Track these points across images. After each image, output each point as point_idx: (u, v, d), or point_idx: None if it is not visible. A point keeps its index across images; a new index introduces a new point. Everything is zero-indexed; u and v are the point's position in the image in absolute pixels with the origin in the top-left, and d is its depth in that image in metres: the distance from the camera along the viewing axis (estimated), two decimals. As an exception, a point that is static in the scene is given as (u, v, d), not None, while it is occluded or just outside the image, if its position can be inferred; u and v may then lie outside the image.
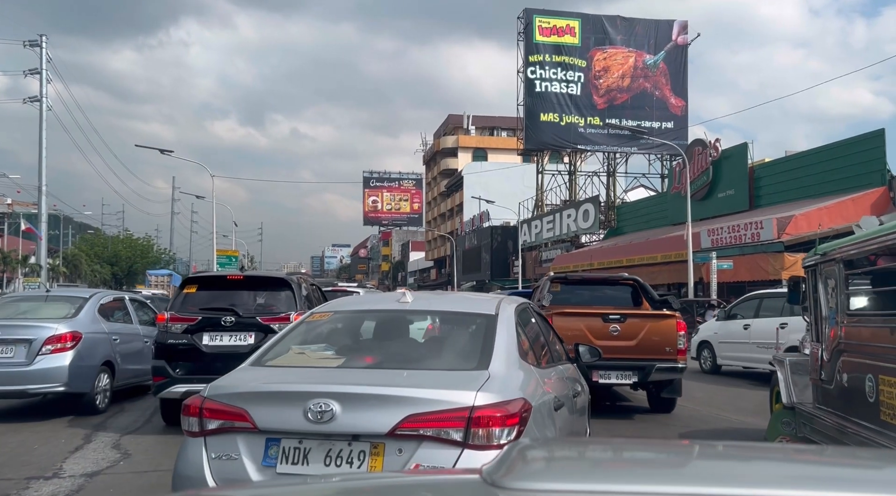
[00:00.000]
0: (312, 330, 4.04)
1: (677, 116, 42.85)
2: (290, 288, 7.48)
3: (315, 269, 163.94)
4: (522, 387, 3.29)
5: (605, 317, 8.48)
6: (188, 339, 7.08)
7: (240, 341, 7.06)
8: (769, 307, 13.20)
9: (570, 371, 4.75)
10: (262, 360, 3.65)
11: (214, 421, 3.15)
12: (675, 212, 29.44)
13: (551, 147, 42.79)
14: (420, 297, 4.47)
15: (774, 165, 26.01)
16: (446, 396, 3.03)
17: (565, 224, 38.33)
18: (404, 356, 3.79)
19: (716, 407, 9.97)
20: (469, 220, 58.49)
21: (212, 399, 3.19)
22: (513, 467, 1.45)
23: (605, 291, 10.51)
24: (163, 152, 26.17)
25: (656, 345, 8.43)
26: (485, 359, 3.41)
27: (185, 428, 3.26)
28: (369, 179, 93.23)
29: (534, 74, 41.87)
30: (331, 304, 4.58)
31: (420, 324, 4.42)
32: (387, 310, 4.28)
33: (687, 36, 44.26)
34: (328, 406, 2.97)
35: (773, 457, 1.79)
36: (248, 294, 7.51)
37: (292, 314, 7.18)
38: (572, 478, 1.48)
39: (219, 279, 8.02)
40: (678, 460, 1.84)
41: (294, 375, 3.45)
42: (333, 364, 3.65)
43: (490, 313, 3.85)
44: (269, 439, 3.06)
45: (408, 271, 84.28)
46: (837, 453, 2.63)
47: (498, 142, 73.31)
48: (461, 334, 3.97)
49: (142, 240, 71.57)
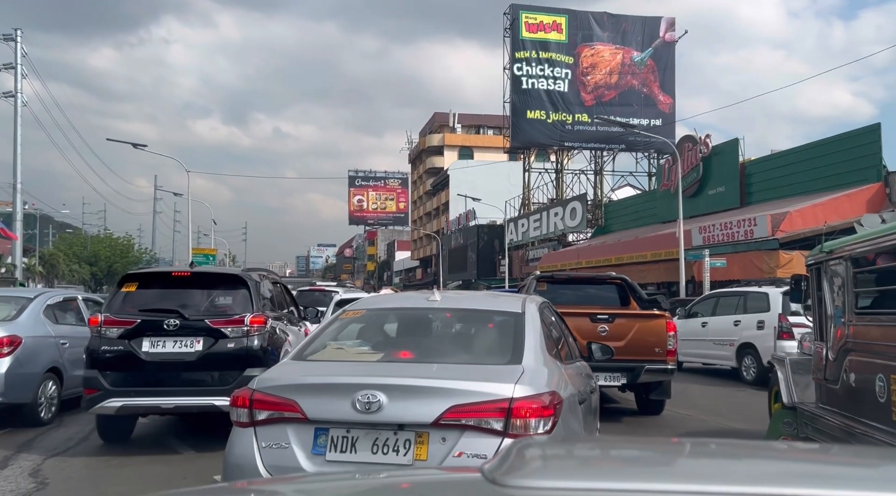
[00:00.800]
0: (346, 326, 4.19)
1: (665, 113, 42.49)
2: (246, 286, 6.59)
3: (300, 269, 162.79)
4: (553, 381, 3.48)
5: (593, 317, 8.30)
6: (125, 346, 6.16)
7: (185, 348, 6.18)
8: (725, 305, 13.61)
9: (585, 368, 4.88)
10: (303, 355, 3.81)
11: (265, 412, 3.29)
12: (663, 209, 28.98)
13: (538, 145, 42.38)
14: (448, 296, 4.60)
15: (766, 162, 25.50)
16: (486, 388, 3.21)
17: (552, 222, 37.89)
18: (439, 351, 3.94)
19: (692, 408, 9.74)
20: (455, 218, 57.92)
21: (261, 391, 3.34)
22: (514, 465, 1.44)
23: (592, 291, 10.36)
24: (135, 146, 25.26)
25: (646, 346, 8.20)
26: (517, 354, 3.60)
27: (234, 418, 3.39)
28: (355, 178, 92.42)
29: (520, 71, 41.42)
30: (362, 302, 4.81)
31: (449, 322, 4.51)
32: (417, 307, 4.45)
33: (674, 33, 44.04)
34: (375, 397, 3.14)
35: (773, 455, 1.80)
36: (197, 293, 6.60)
37: (248, 316, 6.35)
38: (573, 475, 1.49)
39: (163, 276, 7.05)
40: (679, 458, 1.82)
41: (340, 368, 3.62)
42: (373, 358, 3.80)
43: (517, 311, 4.04)
44: (318, 429, 3.21)
45: (393, 271, 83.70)
46: (836, 451, 2.63)
47: (484, 140, 72.72)
48: (491, 331, 4.17)
49: (122, 239, 70.29)
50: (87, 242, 66.48)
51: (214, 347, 6.19)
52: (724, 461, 1.75)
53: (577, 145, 42.24)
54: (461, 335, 4.40)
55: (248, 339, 6.28)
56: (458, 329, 4.47)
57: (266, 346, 6.46)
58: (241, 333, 6.27)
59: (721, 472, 1.55)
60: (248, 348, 6.26)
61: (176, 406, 6.12)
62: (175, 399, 6.07)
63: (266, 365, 6.33)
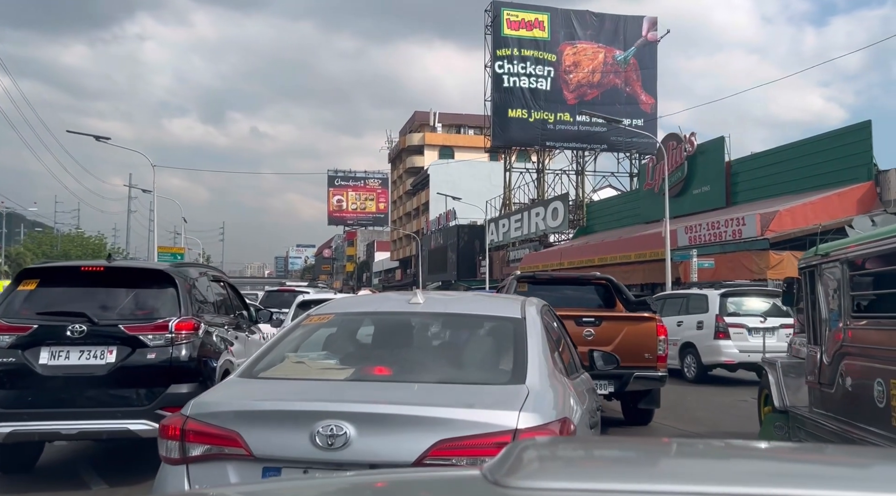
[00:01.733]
0: (311, 334, 3.60)
1: (647, 113, 41.98)
2: (174, 284, 5.49)
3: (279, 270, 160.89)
4: (563, 405, 2.95)
5: (579, 321, 7.75)
6: (17, 358, 5.00)
7: (94, 359, 5.06)
8: (671, 306, 13.93)
9: (589, 381, 4.32)
10: (253, 371, 3.17)
11: (200, 445, 2.71)
12: (647, 209, 28.37)
13: (519, 144, 41.89)
14: (432, 298, 4.00)
15: (753, 160, 24.92)
16: (484, 417, 2.63)
17: (534, 222, 37.28)
18: (423, 367, 3.30)
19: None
20: (435, 218, 57.10)
21: (196, 419, 2.73)
22: (515, 465, 1.42)
23: (576, 292, 9.86)
24: (98, 139, 24.03)
25: (634, 351, 7.64)
26: (519, 370, 3.02)
27: (163, 453, 2.79)
28: (334, 178, 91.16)
29: (502, 69, 40.92)
30: (331, 305, 3.99)
31: (435, 330, 3.82)
32: (396, 312, 3.80)
33: (657, 32, 43.79)
34: (341, 429, 2.56)
35: (774, 456, 1.83)
36: (113, 293, 5.50)
37: (173, 321, 5.29)
38: (574, 476, 1.49)
39: (70, 271, 5.91)
40: (681, 458, 1.81)
41: (296, 390, 2.99)
42: (340, 376, 3.24)
43: (516, 316, 3.43)
44: (267, 468, 2.65)
45: (373, 272, 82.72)
46: (837, 451, 2.64)
47: (465, 140, 71.97)
48: (485, 341, 3.56)
49: (94, 238, 68.51)
50: (56, 241, 64.71)
51: (131, 358, 5.13)
52: (725, 461, 1.72)
53: (559, 145, 41.80)
54: (450, 347, 3.70)
55: (175, 348, 5.24)
56: (447, 339, 3.76)
57: (198, 357, 5.44)
58: (165, 341, 5.22)
59: (722, 473, 1.53)
60: (173, 359, 5.20)
61: (80, 431, 5.00)
62: (80, 422, 4.95)
63: (197, 379, 5.33)
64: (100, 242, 68.65)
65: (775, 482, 1.37)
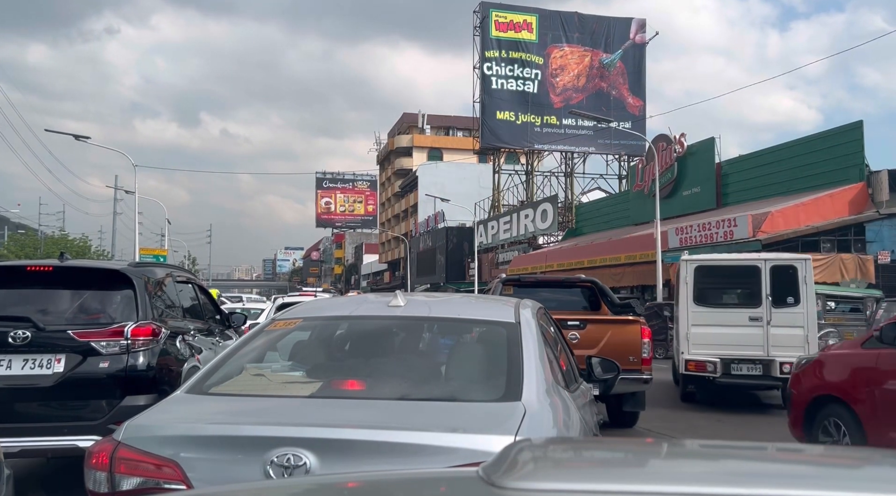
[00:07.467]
0: (274, 342, 3.25)
1: (635, 116, 41.71)
2: (132, 285, 5.03)
3: (267, 273, 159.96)
4: (563, 424, 2.62)
5: (564, 324, 7.66)
6: None
7: (39, 369, 4.59)
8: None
9: (589, 392, 3.94)
10: (204, 386, 2.76)
11: (132, 477, 2.29)
12: (637, 211, 28.12)
13: (507, 146, 41.57)
14: (415, 301, 3.56)
15: (743, 161, 24.77)
16: (472, 444, 2.21)
17: (523, 224, 37.03)
18: (401, 381, 2.89)
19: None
20: (424, 220, 56.74)
21: (129, 445, 2.33)
22: (511, 466, 1.41)
23: (561, 295, 9.92)
24: (77, 138, 23.47)
25: (619, 354, 7.51)
26: (514, 384, 2.64)
27: (90, 486, 2.35)
28: (322, 180, 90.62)
29: (490, 71, 40.78)
30: (300, 308, 3.54)
31: (418, 337, 3.41)
32: (373, 316, 3.32)
33: (645, 34, 43.61)
34: (300, 458, 2.17)
35: (776, 457, 1.81)
36: (62, 295, 5.04)
37: (130, 325, 4.85)
38: (571, 477, 1.48)
39: (15, 272, 5.41)
40: (677, 459, 1.78)
41: (250, 410, 2.61)
42: (305, 392, 2.82)
43: (509, 321, 3.07)
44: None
45: (361, 274, 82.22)
46: (837, 452, 2.61)
47: (454, 141, 71.66)
48: (475, 349, 3.20)
49: (78, 240, 67.61)
50: (39, 243, 63.79)
51: (81, 368, 4.67)
52: (725, 462, 1.68)
53: (547, 147, 41.47)
54: (433, 356, 3.28)
55: (131, 356, 4.79)
56: (430, 347, 3.35)
57: (158, 365, 4.99)
58: (120, 348, 4.77)
59: (719, 474, 1.52)
60: (129, 368, 4.75)
61: (22, 449, 4.50)
62: (22, 439, 4.46)
63: (156, 390, 4.87)
64: (84, 245, 67.72)
65: (772, 482, 1.36)
